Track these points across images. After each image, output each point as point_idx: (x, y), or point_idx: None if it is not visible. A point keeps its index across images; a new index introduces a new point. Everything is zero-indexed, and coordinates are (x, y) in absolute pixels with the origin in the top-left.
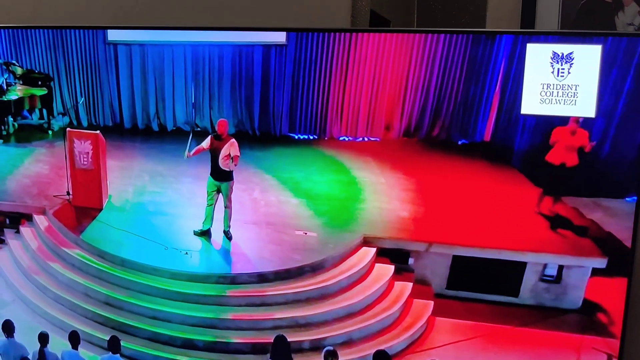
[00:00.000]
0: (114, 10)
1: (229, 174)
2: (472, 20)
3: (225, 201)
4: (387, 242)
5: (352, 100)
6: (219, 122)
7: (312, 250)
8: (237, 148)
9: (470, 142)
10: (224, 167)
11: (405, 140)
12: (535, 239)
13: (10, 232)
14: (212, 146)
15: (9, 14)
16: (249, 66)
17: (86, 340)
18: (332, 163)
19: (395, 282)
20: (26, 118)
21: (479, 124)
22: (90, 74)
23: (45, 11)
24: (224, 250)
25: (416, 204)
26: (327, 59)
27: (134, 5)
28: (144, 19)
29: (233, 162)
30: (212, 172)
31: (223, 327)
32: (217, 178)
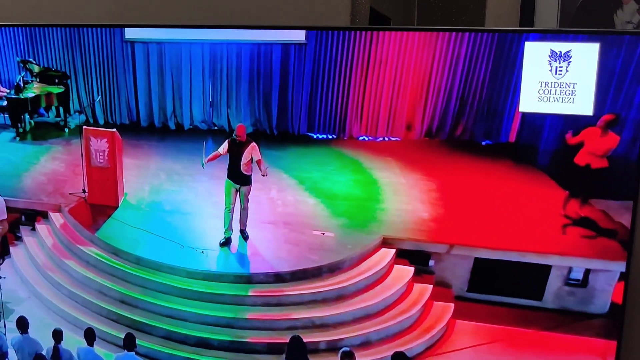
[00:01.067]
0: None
1: (248, 177)
2: (472, 18)
3: (243, 203)
4: (407, 243)
5: (373, 100)
6: (238, 127)
7: (330, 250)
8: (258, 152)
9: (495, 143)
10: (246, 172)
11: (427, 141)
12: (560, 241)
13: (25, 229)
14: (231, 150)
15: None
16: (268, 65)
17: (100, 337)
18: (351, 163)
19: (414, 284)
20: (42, 116)
21: (503, 124)
22: (108, 72)
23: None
24: (241, 250)
25: (437, 205)
26: (348, 57)
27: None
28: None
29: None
30: (230, 175)
31: (239, 326)
32: (237, 181)
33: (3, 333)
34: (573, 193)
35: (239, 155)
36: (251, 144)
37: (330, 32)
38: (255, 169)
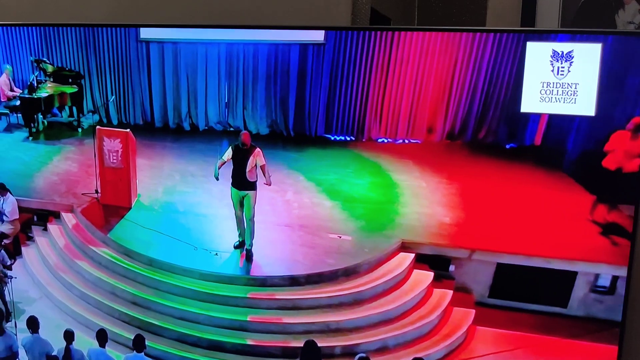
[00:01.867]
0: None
1: (253, 184)
2: (473, 19)
3: (249, 213)
4: (426, 248)
5: (393, 101)
6: (243, 134)
7: (347, 254)
8: (262, 157)
9: (519, 146)
10: (251, 178)
11: (449, 143)
12: (587, 248)
13: (38, 230)
14: (235, 157)
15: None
16: (285, 65)
17: (112, 339)
18: (369, 165)
19: (434, 289)
20: (56, 115)
21: (529, 126)
22: (122, 71)
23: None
24: (256, 253)
25: (459, 209)
26: (367, 57)
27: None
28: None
29: (267, 175)
30: (234, 182)
31: (252, 329)
32: (242, 188)
33: (14, 333)
34: (601, 198)
35: (243, 162)
36: (255, 149)
37: (350, 32)
38: (261, 175)
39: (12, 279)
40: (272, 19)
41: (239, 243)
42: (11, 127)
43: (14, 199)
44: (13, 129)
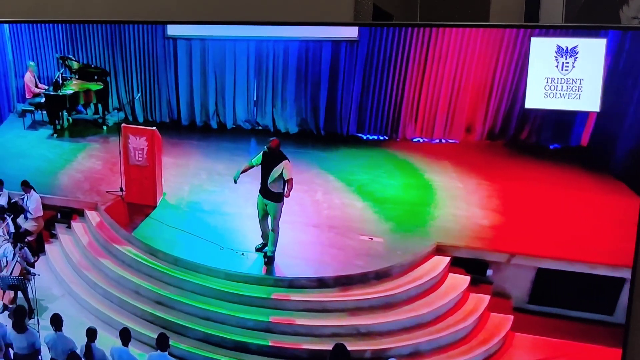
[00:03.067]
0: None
1: (277, 195)
2: (476, 14)
3: (273, 223)
4: (463, 251)
5: (430, 99)
6: (272, 140)
7: (378, 256)
8: (290, 170)
9: (564, 147)
10: (274, 189)
11: (489, 143)
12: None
13: (61, 227)
14: (263, 163)
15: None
16: (316, 63)
17: (135, 338)
18: (403, 165)
19: (470, 294)
20: (81, 113)
21: (575, 126)
22: (148, 69)
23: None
24: (283, 253)
25: (498, 212)
26: (404, 55)
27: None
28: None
29: (288, 188)
30: (260, 189)
31: (279, 331)
32: (265, 196)
33: (37, 330)
34: None
35: (269, 170)
36: (284, 161)
37: (385, 29)
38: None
39: (35, 276)
40: (273, 16)
41: (262, 245)
42: (36, 124)
43: (37, 196)
44: (38, 126)
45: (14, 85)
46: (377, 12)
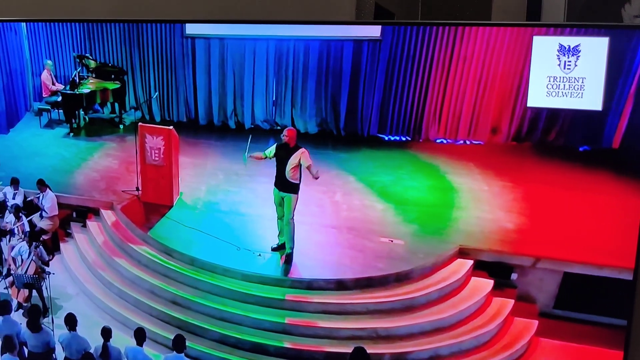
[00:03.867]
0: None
1: (293, 186)
2: (477, 13)
3: (289, 215)
4: (486, 254)
5: (454, 100)
6: (288, 131)
7: (398, 259)
8: (308, 158)
9: (594, 149)
10: (292, 179)
11: (515, 145)
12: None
13: (76, 226)
14: (278, 154)
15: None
16: (337, 62)
17: (150, 338)
18: (425, 167)
19: (493, 298)
20: (97, 112)
21: (606, 128)
22: (166, 68)
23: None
24: (300, 254)
25: (524, 215)
26: (428, 54)
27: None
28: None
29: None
30: (276, 182)
31: (296, 333)
32: (282, 189)
33: (51, 329)
34: None
35: (285, 160)
36: (301, 149)
37: (409, 28)
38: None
39: (50, 275)
40: (274, 14)
41: (278, 246)
42: (52, 123)
43: (53, 195)
44: (54, 125)
45: (30, 84)
46: (379, 10)
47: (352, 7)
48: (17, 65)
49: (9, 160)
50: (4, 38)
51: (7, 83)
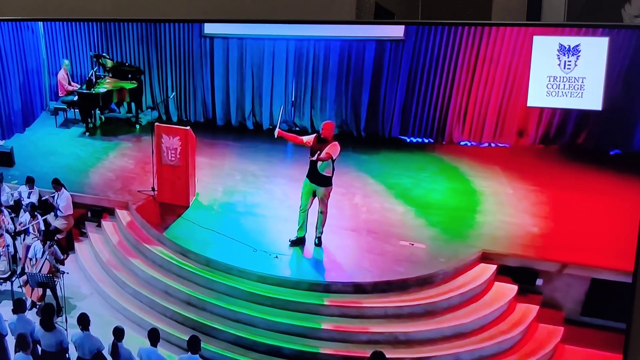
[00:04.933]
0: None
1: (327, 179)
2: (478, 13)
3: (321, 206)
4: (510, 259)
5: (479, 101)
6: (326, 125)
7: (419, 262)
8: (334, 151)
9: (626, 152)
10: (325, 173)
11: (542, 148)
12: None
13: (91, 226)
14: (313, 146)
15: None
16: (359, 62)
17: (164, 338)
18: (448, 169)
19: (517, 304)
20: (114, 111)
21: (638, 130)
22: (184, 67)
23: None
24: (318, 256)
25: (550, 220)
26: (452, 55)
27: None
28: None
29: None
30: (309, 173)
31: (313, 336)
32: (314, 181)
33: (64, 328)
34: None
35: (317, 152)
36: (333, 142)
37: (434, 28)
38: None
39: (64, 274)
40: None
41: (296, 239)
42: (68, 123)
43: (68, 194)
44: (70, 124)
45: (47, 83)
46: (379, 10)
47: (352, 6)
48: (33, 64)
49: (24, 159)
50: (21, 37)
51: (24, 82)
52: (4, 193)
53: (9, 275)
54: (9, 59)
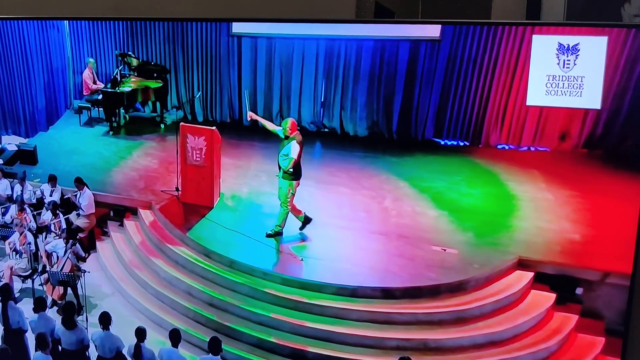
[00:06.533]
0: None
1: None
2: (477, 12)
3: (282, 200)
4: (549, 267)
5: (519, 104)
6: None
7: (451, 268)
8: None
9: None
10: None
11: (586, 153)
12: None
13: (113, 225)
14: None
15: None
16: (392, 63)
17: (185, 339)
18: (484, 173)
19: (555, 313)
20: (138, 110)
21: None
22: (210, 67)
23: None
24: (346, 260)
25: (593, 227)
26: (491, 56)
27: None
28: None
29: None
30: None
31: (338, 341)
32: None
33: (85, 327)
34: None
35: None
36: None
37: (472, 28)
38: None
39: (85, 273)
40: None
41: (273, 232)
42: (92, 121)
43: (90, 193)
44: (94, 123)
45: (71, 82)
46: (379, 9)
47: (352, 6)
48: (58, 62)
49: (47, 158)
50: (46, 35)
51: (48, 80)
52: (27, 191)
53: (29, 273)
54: (34, 58)
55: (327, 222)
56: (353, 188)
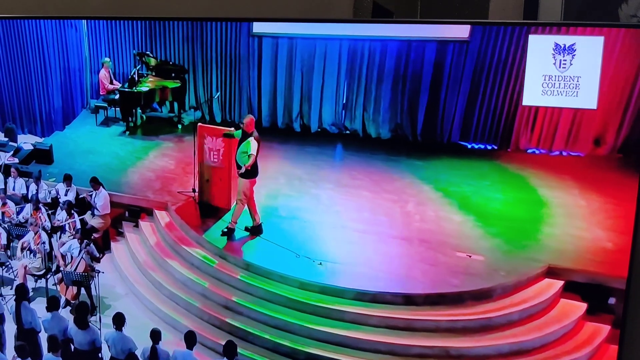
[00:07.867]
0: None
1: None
2: (475, 12)
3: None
4: (579, 275)
5: (551, 107)
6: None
7: (476, 275)
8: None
9: None
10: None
11: (621, 158)
12: None
13: (128, 226)
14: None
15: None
16: (418, 64)
17: (200, 342)
18: (513, 178)
19: (586, 323)
20: (155, 110)
21: None
22: (230, 67)
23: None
24: (366, 265)
25: (627, 235)
26: (522, 57)
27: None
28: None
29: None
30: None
31: (357, 347)
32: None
33: (98, 328)
34: None
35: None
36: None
37: (502, 28)
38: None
39: (99, 274)
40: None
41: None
42: (108, 121)
43: (106, 193)
44: (110, 123)
45: (88, 81)
46: (377, 9)
47: (350, 5)
48: (75, 62)
49: (63, 157)
50: (64, 35)
51: (65, 80)
52: (42, 190)
53: (43, 272)
54: (51, 57)
55: (347, 226)
56: (375, 191)
